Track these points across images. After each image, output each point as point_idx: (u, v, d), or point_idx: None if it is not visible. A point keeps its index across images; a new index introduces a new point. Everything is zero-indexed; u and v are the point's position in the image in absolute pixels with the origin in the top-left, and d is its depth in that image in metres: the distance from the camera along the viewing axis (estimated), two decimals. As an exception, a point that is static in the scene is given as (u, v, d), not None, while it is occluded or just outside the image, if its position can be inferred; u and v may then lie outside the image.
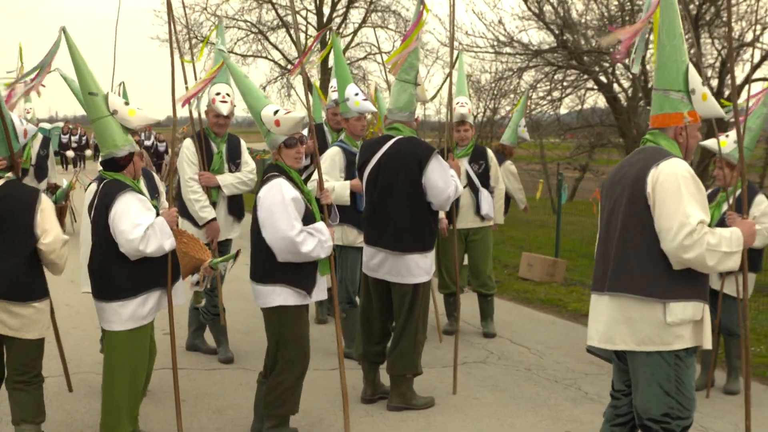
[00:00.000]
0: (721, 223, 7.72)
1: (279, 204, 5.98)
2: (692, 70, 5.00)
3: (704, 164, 16.01)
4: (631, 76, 18.27)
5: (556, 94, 18.74)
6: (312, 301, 6.31)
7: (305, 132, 8.04)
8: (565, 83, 18.78)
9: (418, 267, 7.18)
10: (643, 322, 4.84)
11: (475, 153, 9.97)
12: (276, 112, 6.15)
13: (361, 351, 7.52)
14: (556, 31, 18.20)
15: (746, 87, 16.74)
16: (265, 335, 6.40)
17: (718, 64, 17.54)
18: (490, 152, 10.20)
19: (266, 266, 6.14)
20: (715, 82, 17.39)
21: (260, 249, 6.13)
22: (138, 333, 5.88)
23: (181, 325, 8.92)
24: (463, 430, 6.88)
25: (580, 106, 20.33)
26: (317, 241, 6.07)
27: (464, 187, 9.76)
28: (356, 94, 8.68)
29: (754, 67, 17.45)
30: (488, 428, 6.98)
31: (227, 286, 9.61)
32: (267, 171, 6.27)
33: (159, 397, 7.49)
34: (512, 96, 18.73)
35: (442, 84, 9.36)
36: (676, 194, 4.71)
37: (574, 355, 9.33)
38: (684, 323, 4.79)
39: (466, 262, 10.44)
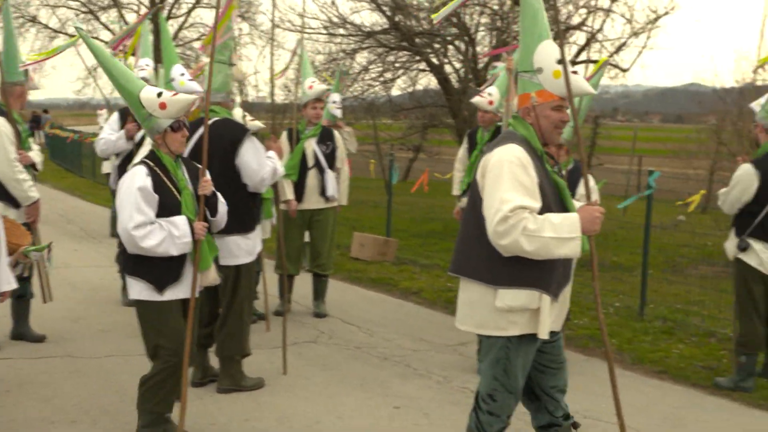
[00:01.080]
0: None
1: (125, 193, 5.74)
2: (540, 48, 4.89)
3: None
4: (462, 58, 18.65)
5: (388, 75, 18.96)
6: (166, 298, 5.92)
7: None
8: (397, 64, 19.01)
9: (239, 248, 7.21)
10: (480, 305, 4.84)
11: (324, 134, 10.05)
12: (160, 94, 5.86)
13: None
14: (389, 13, 18.39)
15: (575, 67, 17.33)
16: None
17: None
18: (337, 133, 10.31)
19: (125, 257, 5.96)
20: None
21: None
22: None
23: (4, 313, 8.69)
24: (293, 410, 6.96)
25: (412, 88, 20.63)
26: (166, 234, 5.74)
27: (311, 167, 9.87)
28: (182, 74, 8.58)
29: (580, 50, 18.09)
30: (318, 407, 7.08)
31: (56, 273, 9.41)
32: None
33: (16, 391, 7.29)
34: (345, 77, 18.82)
35: (287, 66, 9.38)
36: (496, 180, 4.65)
37: (404, 332, 9.55)
38: (516, 311, 4.76)
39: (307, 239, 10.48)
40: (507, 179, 4.61)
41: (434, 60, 18.82)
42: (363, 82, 19.02)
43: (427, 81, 20.80)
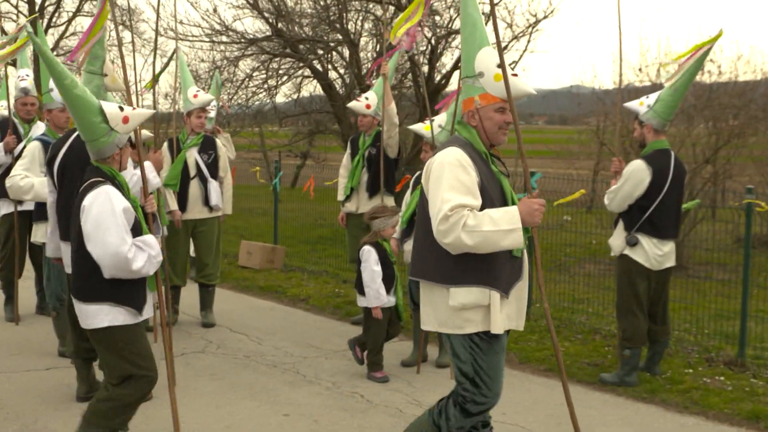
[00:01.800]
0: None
1: (108, 215, 5.44)
2: (481, 54, 5.07)
3: (418, 147, 16.68)
4: (345, 64, 18.70)
5: (272, 82, 18.88)
6: (141, 319, 5.78)
7: None
8: (281, 71, 18.96)
9: None
10: (440, 305, 4.98)
11: (205, 143, 9.97)
12: (122, 108, 5.73)
13: (72, 348, 7.36)
14: (271, 20, 18.34)
15: (455, 73, 17.58)
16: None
17: (428, 51, 18.26)
18: (218, 142, 10.24)
19: (91, 283, 5.57)
20: (426, 68, 18.09)
21: (83, 264, 5.58)
22: None
23: None
24: (181, 421, 6.90)
25: (297, 94, 20.59)
26: (147, 256, 5.57)
27: (193, 177, 9.81)
28: (61, 84, 8.46)
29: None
30: (207, 417, 7.04)
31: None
32: (90, 175, 5.69)
33: None
34: (228, 85, 18.68)
35: (157, 76, 9.26)
36: (437, 182, 4.82)
37: (293, 339, 9.56)
38: (469, 308, 4.90)
39: (193, 253, 10.40)
40: (447, 180, 4.78)
41: (318, 66, 18.83)
42: (247, 89, 18.90)
43: (313, 87, 20.83)
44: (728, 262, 12.63)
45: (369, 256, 8.08)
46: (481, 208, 4.80)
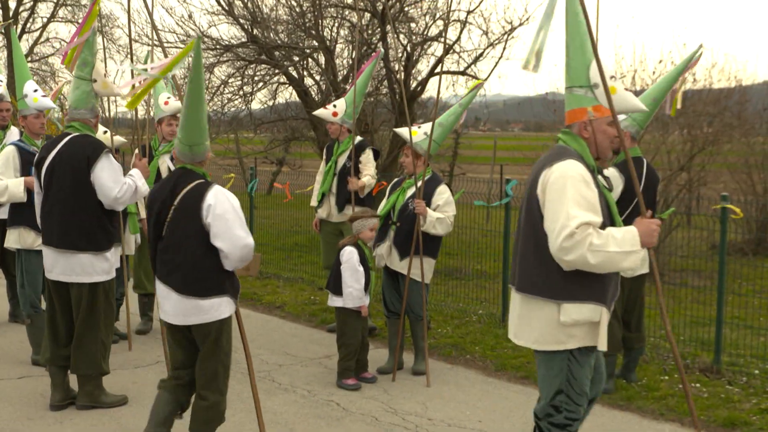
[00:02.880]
0: (406, 208, 8.23)
1: (231, 211, 5.85)
2: (595, 65, 5.02)
3: (394, 154, 16.69)
4: (320, 70, 18.69)
5: (247, 88, 18.83)
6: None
7: None
8: (256, 78, 18.92)
9: (93, 266, 7.10)
10: (540, 321, 4.97)
11: None
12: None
13: (48, 355, 7.32)
14: (246, 26, 18.30)
15: (431, 80, 17.63)
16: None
17: (404, 58, 18.29)
18: None
19: (213, 278, 5.91)
20: (402, 75, 18.10)
21: (202, 261, 5.87)
22: None
23: None
24: (156, 430, 6.87)
25: (273, 101, 20.55)
26: None
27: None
28: (35, 91, 8.45)
29: (438, 61, 18.32)
30: (182, 426, 6.97)
31: None
32: (188, 178, 5.97)
33: None
34: (204, 92, 18.62)
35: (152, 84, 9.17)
36: (560, 196, 4.77)
37: (268, 347, 9.55)
38: (579, 324, 4.92)
39: None
40: (571, 195, 4.75)
41: (293, 73, 18.81)
42: (223, 96, 18.84)
43: (288, 94, 20.79)
44: (703, 269, 12.71)
45: (351, 256, 8.08)
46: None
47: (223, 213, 5.79)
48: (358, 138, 10.09)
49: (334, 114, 9.90)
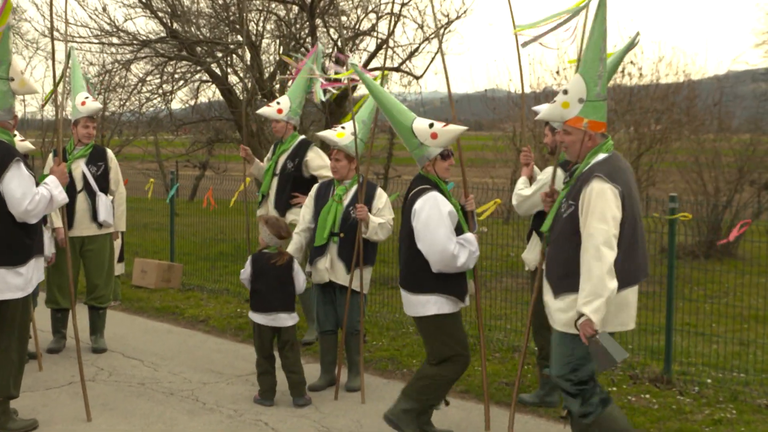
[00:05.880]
0: (349, 216, 8.19)
1: (436, 218, 6.62)
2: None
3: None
4: (245, 67, 18.59)
5: (167, 87, 18.67)
6: (462, 306, 6.95)
7: None
8: (176, 75, 18.76)
9: (6, 282, 6.95)
10: (572, 310, 5.81)
11: (94, 154, 9.77)
12: (431, 125, 6.81)
13: None
14: (165, 20, 18.16)
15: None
16: None
17: (334, 53, 18.26)
18: (110, 153, 10.05)
19: (419, 276, 6.81)
20: (332, 72, 18.06)
21: (413, 260, 6.81)
22: None
23: None
24: (69, 456, 6.78)
25: (194, 100, 20.42)
26: (468, 252, 6.72)
27: (80, 191, 9.59)
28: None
29: (371, 57, 18.33)
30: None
31: None
32: (416, 182, 6.91)
33: None
34: (120, 90, 18.44)
35: (59, 81, 8.96)
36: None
37: (191, 364, 9.44)
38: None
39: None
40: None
41: (216, 70, 18.70)
42: (140, 95, 18.65)
43: (212, 93, 20.66)
44: (652, 274, 12.79)
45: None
46: None
47: (427, 218, 6.69)
48: (301, 136, 10.03)
49: (279, 111, 9.85)
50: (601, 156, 5.97)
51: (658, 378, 8.64)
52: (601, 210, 5.69)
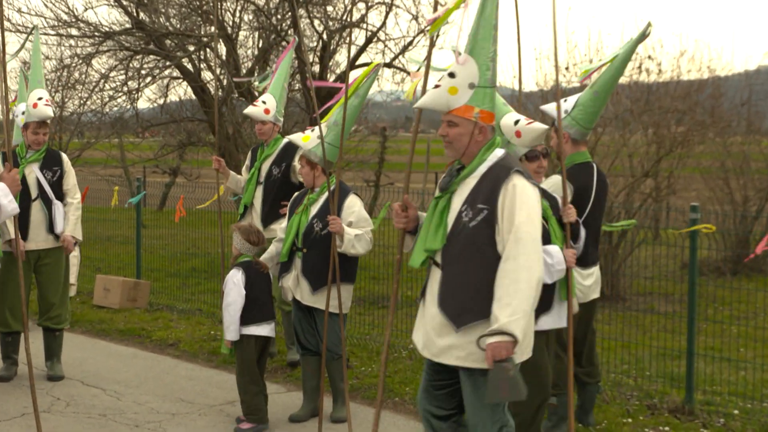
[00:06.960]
0: (312, 229, 8.16)
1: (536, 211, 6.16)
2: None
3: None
4: (220, 62, 18.63)
5: (133, 83, 18.69)
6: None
7: None
8: (143, 71, 18.78)
9: None
10: None
11: (48, 158, 9.74)
12: (517, 122, 6.77)
13: None
14: (131, 10, 18.19)
15: (352, 73, 17.60)
16: None
17: (319, 47, 18.31)
18: (65, 157, 10.04)
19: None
20: (317, 68, 18.11)
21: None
22: None
23: None
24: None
25: (163, 99, 20.44)
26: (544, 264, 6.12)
27: (35, 199, 9.56)
28: None
29: (360, 50, 18.38)
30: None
31: None
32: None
33: None
34: (80, 87, 18.46)
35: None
36: None
37: (159, 392, 9.44)
38: None
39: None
40: None
41: (188, 66, 18.72)
42: (103, 92, 18.68)
43: (183, 91, 20.70)
44: (673, 292, 12.87)
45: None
46: None
47: (530, 205, 6.29)
48: (286, 139, 9.97)
49: (266, 111, 9.86)
50: (500, 152, 5.71)
51: (679, 408, 8.64)
52: (528, 211, 5.43)
